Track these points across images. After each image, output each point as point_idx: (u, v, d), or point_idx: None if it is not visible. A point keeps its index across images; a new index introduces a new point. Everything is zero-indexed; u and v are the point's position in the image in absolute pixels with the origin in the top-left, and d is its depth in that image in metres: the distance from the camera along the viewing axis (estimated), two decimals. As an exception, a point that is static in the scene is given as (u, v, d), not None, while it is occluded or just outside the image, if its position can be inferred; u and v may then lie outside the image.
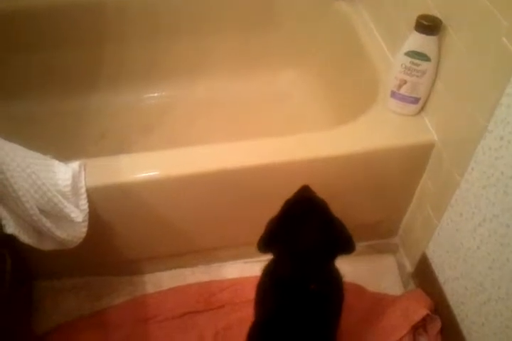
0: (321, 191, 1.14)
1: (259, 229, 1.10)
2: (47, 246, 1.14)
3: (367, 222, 1.47)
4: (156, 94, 1.90)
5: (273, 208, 1.11)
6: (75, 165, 1.15)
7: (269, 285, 1.16)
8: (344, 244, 1.09)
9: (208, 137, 1.58)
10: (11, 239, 1.02)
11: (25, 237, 1.05)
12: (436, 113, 1.25)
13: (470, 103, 1.09)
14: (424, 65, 1.19)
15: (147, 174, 1.21)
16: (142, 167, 1.22)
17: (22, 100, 1.77)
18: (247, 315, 1.19)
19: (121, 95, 1.85)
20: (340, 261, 1.11)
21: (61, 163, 1.14)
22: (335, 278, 1.16)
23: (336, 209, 1.12)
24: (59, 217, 1.10)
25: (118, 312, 1.44)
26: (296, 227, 1.07)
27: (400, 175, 1.34)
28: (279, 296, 1.12)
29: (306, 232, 1.07)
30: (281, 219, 1.09)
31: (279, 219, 1.10)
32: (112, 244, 1.37)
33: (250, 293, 1.19)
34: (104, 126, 1.78)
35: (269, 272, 1.17)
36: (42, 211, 1.05)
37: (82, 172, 1.16)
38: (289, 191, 1.14)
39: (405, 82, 1.24)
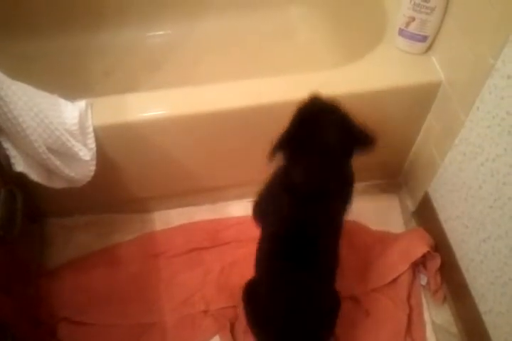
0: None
1: (264, 169, 1.11)
2: (56, 184, 1.16)
3: (371, 162, 1.47)
4: (161, 33, 1.87)
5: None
6: (81, 103, 1.16)
7: (281, 190, 1.11)
8: (361, 137, 1.06)
9: (214, 75, 1.57)
10: (22, 177, 1.05)
11: (34, 175, 1.07)
12: (443, 51, 1.23)
13: (478, 41, 1.07)
14: (434, 2, 1.17)
15: (153, 113, 1.21)
16: (149, 106, 1.22)
17: (26, 39, 1.75)
18: (252, 251, 1.21)
19: (126, 33, 1.82)
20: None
21: (68, 102, 1.14)
22: (349, 179, 1.15)
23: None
24: (67, 155, 1.12)
25: (128, 248, 1.48)
26: (311, 127, 1.06)
27: (406, 114, 1.34)
28: (291, 202, 1.09)
29: (321, 129, 1.05)
30: (295, 123, 1.08)
31: (293, 122, 1.08)
32: (121, 183, 1.39)
33: (255, 231, 1.21)
34: (110, 64, 1.76)
35: (279, 177, 1.13)
36: (50, 149, 1.06)
37: (89, 111, 1.17)
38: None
39: (414, 19, 1.22)
